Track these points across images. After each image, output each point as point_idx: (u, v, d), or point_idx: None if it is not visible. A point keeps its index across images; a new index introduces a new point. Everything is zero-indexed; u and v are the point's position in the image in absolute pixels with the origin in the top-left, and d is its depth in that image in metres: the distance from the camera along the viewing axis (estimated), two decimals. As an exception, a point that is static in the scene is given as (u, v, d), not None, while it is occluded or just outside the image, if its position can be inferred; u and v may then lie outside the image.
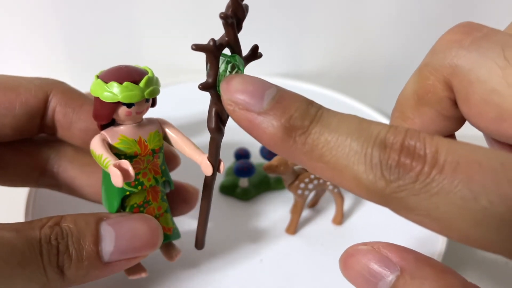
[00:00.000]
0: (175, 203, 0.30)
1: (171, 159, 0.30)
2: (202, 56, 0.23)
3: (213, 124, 0.23)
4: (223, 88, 0.19)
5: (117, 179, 0.23)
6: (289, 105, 0.18)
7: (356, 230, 0.35)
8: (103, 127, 0.26)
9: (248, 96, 0.18)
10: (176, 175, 0.30)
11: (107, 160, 0.23)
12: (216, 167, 0.25)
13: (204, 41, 0.21)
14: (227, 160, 0.40)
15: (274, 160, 0.30)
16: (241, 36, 0.21)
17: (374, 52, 0.51)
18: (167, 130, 0.27)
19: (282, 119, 0.17)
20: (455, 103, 0.21)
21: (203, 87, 0.21)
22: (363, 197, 0.17)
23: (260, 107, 0.18)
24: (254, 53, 0.22)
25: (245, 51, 0.22)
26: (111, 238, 0.24)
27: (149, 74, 0.25)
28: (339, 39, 0.50)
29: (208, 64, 0.21)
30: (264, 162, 0.39)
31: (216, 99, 0.22)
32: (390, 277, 0.18)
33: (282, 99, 0.18)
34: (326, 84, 0.51)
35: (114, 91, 0.24)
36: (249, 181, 0.37)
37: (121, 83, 0.24)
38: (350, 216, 0.36)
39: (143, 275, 0.27)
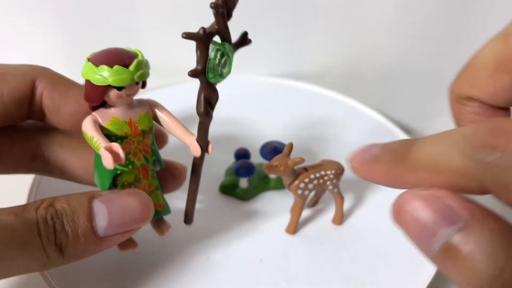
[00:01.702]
0: (165, 180, 0.30)
1: (160, 138, 0.31)
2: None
3: (202, 109, 0.24)
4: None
5: (108, 162, 0.23)
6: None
7: (355, 230, 0.35)
8: (94, 108, 0.26)
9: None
10: (166, 155, 0.31)
11: (99, 142, 0.24)
12: (204, 149, 0.26)
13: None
14: (227, 160, 0.40)
15: (274, 160, 0.30)
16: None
17: (373, 52, 0.51)
18: (157, 111, 0.28)
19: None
20: None
21: (193, 74, 0.22)
22: (464, 190, 0.17)
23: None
24: (244, 40, 0.23)
25: (243, 49, 0.23)
26: (104, 214, 0.24)
27: (139, 58, 0.25)
28: (339, 39, 0.50)
29: (198, 52, 0.21)
30: (264, 162, 0.39)
31: (205, 85, 0.23)
32: (451, 229, 0.16)
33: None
34: (326, 85, 0.51)
35: (104, 75, 0.24)
36: (249, 181, 0.37)
37: (111, 66, 0.24)
38: (350, 216, 0.36)
39: (135, 249, 0.28)
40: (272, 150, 0.37)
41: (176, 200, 0.32)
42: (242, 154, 0.39)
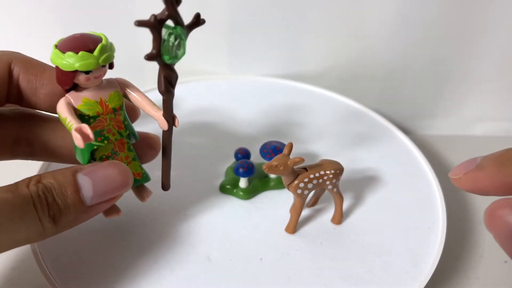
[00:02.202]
0: (142, 151, 0.32)
1: (132, 112, 0.33)
2: (202, 57, 0.24)
3: (162, 88, 0.26)
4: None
5: (78, 142, 0.25)
6: None
7: (355, 230, 0.35)
8: (67, 90, 0.28)
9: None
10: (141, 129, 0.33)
11: (71, 123, 0.26)
12: (171, 123, 0.29)
13: (203, 41, 0.21)
14: (227, 160, 0.40)
15: (274, 160, 0.31)
16: (242, 37, 0.22)
17: (373, 53, 0.51)
18: (127, 89, 0.30)
19: None
20: None
21: (149, 57, 0.24)
22: None
23: None
24: (197, 21, 0.25)
25: (243, 49, 0.23)
26: (88, 185, 0.26)
27: (103, 42, 0.27)
28: (338, 40, 0.50)
29: (152, 37, 0.23)
30: (264, 162, 0.39)
31: (163, 67, 0.25)
32: None
33: None
34: (326, 85, 0.51)
35: (70, 61, 0.26)
36: (249, 181, 0.37)
37: (77, 52, 0.26)
38: (349, 216, 0.36)
39: (119, 214, 0.31)
40: (272, 150, 0.37)
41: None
42: (242, 154, 0.39)
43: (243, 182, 0.37)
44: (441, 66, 0.50)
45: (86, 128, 0.26)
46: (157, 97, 0.28)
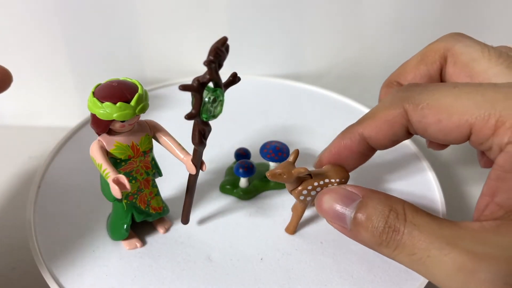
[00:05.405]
0: None
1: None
2: (202, 57, 0.24)
3: (197, 140, 0.28)
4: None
5: (115, 192, 0.27)
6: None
7: (355, 230, 0.35)
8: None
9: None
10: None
11: (107, 171, 0.27)
12: (198, 168, 0.30)
13: (203, 41, 0.21)
14: (227, 160, 0.40)
15: (278, 168, 0.30)
16: (242, 37, 0.22)
17: (373, 53, 0.51)
18: (157, 133, 0.31)
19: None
20: (441, 69, 0.31)
21: (188, 117, 0.26)
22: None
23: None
24: (234, 79, 0.27)
25: (243, 49, 0.23)
26: None
27: (139, 91, 0.28)
28: (338, 40, 0.50)
29: (194, 99, 0.25)
30: (264, 162, 0.39)
31: (199, 123, 0.27)
32: (355, 202, 0.25)
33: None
34: (326, 85, 0.51)
35: (108, 111, 0.27)
36: (249, 181, 0.37)
37: (114, 103, 0.27)
38: (349, 216, 0.36)
39: (139, 246, 0.33)
40: (272, 150, 0.37)
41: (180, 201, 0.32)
42: (242, 154, 0.39)
43: (243, 182, 0.37)
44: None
45: (123, 178, 0.27)
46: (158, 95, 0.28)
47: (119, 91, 0.27)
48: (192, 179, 0.31)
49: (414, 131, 0.27)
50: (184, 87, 0.24)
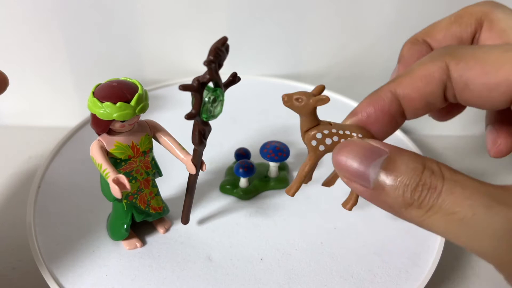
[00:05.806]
0: None
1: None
2: (202, 57, 0.24)
3: (197, 140, 0.28)
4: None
5: (115, 192, 0.27)
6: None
7: (355, 230, 0.35)
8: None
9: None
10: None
11: (107, 171, 0.27)
12: (198, 168, 0.30)
13: (203, 40, 0.21)
14: (227, 160, 0.40)
15: (296, 93, 0.26)
16: (242, 37, 0.22)
17: (373, 53, 0.51)
18: (157, 133, 0.31)
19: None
20: (474, 33, 0.30)
21: (188, 117, 0.25)
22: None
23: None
24: (234, 79, 0.26)
25: (243, 49, 0.23)
26: None
27: (139, 91, 0.28)
28: (338, 40, 0.50)
29: (194, 98, 0.25)
30: (264, 162, 0.39)
31: (199, 123, 0.27)
32: (382, 157, 0.22)
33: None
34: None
35: (108, 111, 0.27)
36: (249, 181, 0.38)
37: (114, 103, 0.27)
38: (349, 216, 0.36)
39: (139, 246, 0.33)
40: (272, 150, 0.37)
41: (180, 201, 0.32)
42: (242, 154, 0.39)
43: (243, 182, 0.37)
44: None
45: (123, 178, 0.27)
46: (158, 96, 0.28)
47: (119, 91, 0.27)
48: (192, 179, 0.31)
49: (451, 95, 0.25)
50: (184, 87, 0.24)
